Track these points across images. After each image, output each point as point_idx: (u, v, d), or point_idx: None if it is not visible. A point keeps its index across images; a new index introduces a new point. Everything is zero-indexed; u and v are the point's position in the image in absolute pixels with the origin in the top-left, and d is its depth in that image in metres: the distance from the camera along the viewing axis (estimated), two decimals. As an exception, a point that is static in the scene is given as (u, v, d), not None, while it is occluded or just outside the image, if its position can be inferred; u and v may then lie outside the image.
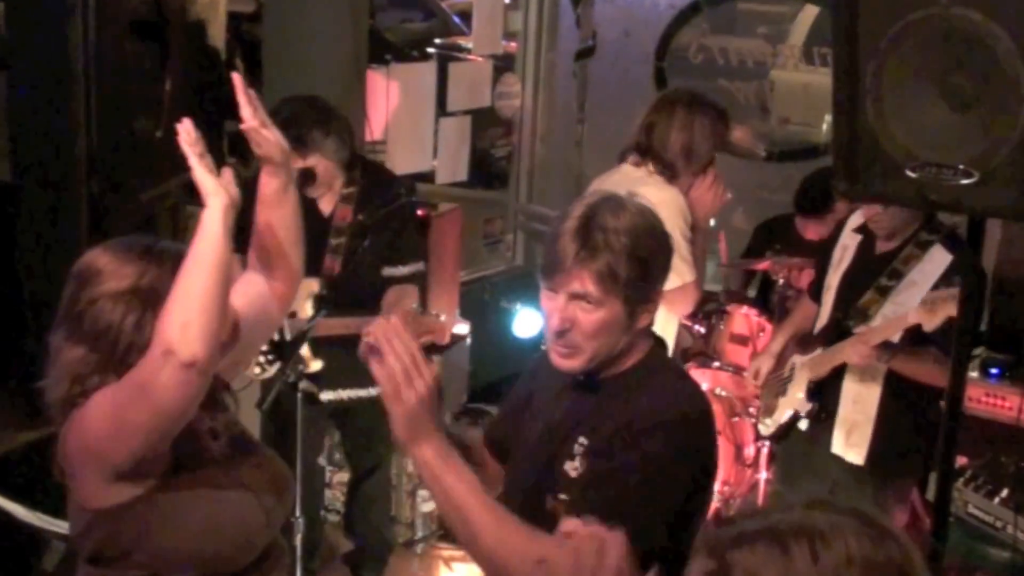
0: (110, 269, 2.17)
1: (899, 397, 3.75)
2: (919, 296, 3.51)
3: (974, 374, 4.50)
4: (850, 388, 3.81)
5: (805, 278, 5.35)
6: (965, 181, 2.51)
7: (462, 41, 7.72)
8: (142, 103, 4.30)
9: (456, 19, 9.91)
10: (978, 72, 2.45)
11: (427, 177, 5.94)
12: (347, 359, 3.72)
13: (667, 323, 3.80)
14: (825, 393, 3.88)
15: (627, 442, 2.06)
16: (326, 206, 3.90)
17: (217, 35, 6.75)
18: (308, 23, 5.03)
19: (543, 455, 2.20)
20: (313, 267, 3.76)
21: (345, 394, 4.00)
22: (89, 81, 3.87)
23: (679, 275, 3.86)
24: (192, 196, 5.21)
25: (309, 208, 3.78)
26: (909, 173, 2.59)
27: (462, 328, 5.10)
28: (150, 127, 4.38)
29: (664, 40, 6.66)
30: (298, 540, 3.64)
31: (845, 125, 2.69)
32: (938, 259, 3.60)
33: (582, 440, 2.14)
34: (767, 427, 4.17)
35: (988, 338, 4.87)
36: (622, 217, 2.11)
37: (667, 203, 3.77)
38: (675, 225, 3.79)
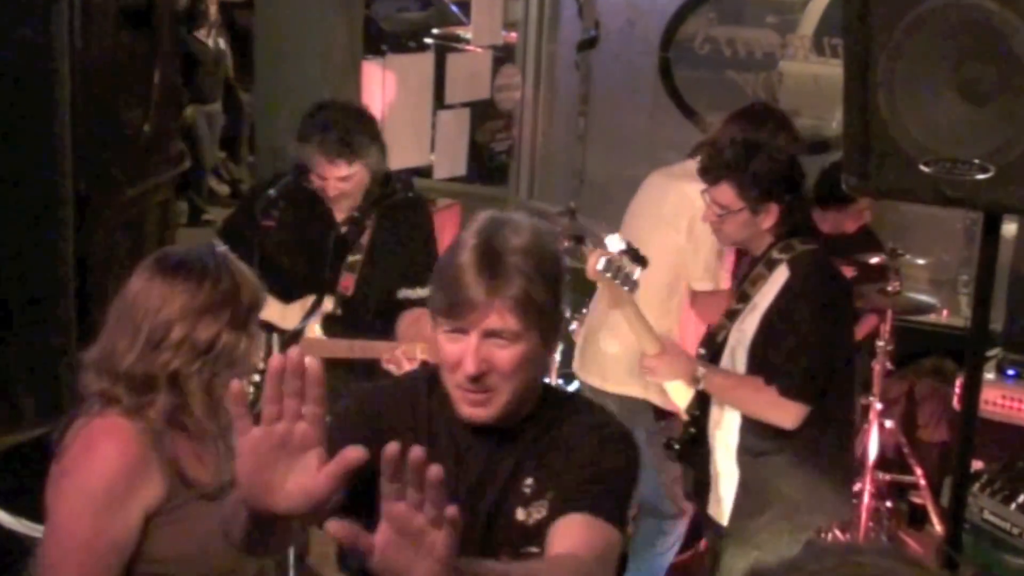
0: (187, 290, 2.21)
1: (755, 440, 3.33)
2: (759, 319, 3.24)
3: (990, 376, 4.50)
4: (711, 428, 3.43)
5: None
6: (981, 176, 2.51)
7: (460, 31, 7.72)
8: (130, 95, 4.30)
9: (454, 8, 9.91)
10: (994, 64, 2.45)
11: (424, 172, 5.93)
12: (339, 376, 3.72)
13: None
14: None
15: (592, 463, 1.96)
16: (339, 214, 3.82)
17: (207, 26, 6.71)
18: (301, 12, 5.02)
19: (476, 511, 1.97)
20: (330, 284, 3.74)
21: None
22: (74, 72, 3.87)
23: (714, 279, 3.88)
24: (182, 191, 5.20)
25: (326, 221, 3.75)
26: (923, 168, 2.58)
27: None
28: (138, 120, 4.38)
29: (669, 30, 6.64)
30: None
31: (856, 118, 2.68)
32: (778, 279, 3.24)
33: (528, 482, 1.98)
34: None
35: (1004, 339, 4.87)
36: (523, 235, 1.94)
37: None
38: None
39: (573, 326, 4.35)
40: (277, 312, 3.74)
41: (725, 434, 3.35)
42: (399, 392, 2.12)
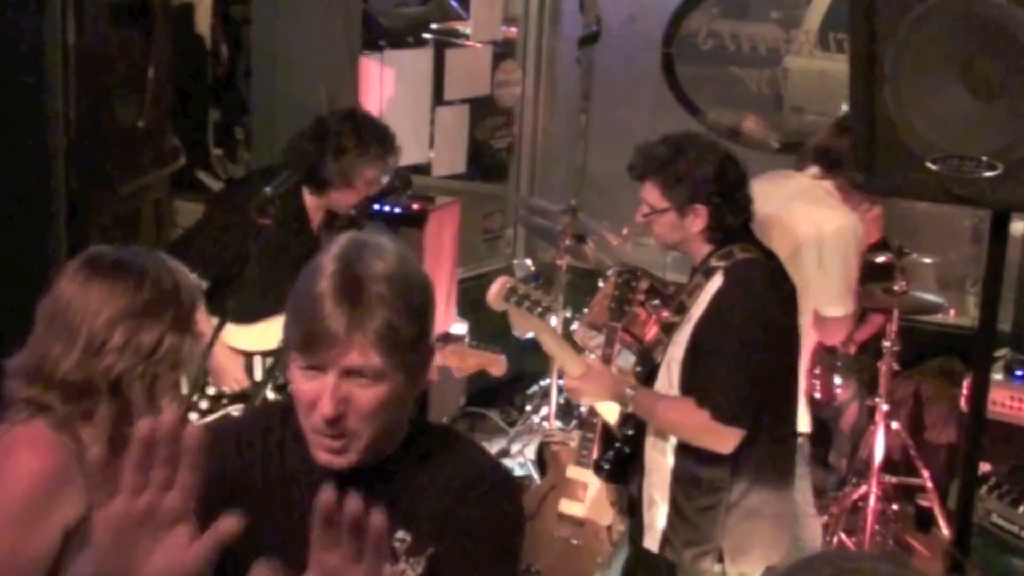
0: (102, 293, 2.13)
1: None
2: (691, 331, 3.14)
3: (998, 376, 4.50)
4: (646, 451, 3.32)
5: None
6: (989, 174, 2.51)
7: (460, 26, 7.69)
8: (123, 91, 4.30)
9: (453, 3, 9.90)
10: (1002, 59, 2.45)
11: (423, 169, 5.93)
12: None
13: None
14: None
15: (474, 519, 1.83)
16: (316, 226, 3.87)
17: (203, 19, 6.75)
18: (298, 6, 5.02)
19: None
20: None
21: None
22: (67, 67, 3.86)
23: (843, 305, 3.80)
24: (177, 189, 5.21)
25: (302, 230, 3.77)
26: (930, 165, 2.58)
27: (459, 328, 5.10)
28: (132, 116, 4.37)
29: (672, 25, 6.64)
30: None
31: (862, 115, 2.68)
32: (712, 288, 3.14)
33: (400, 535, 1.81)
34: None
35: (1013, 339, 4.87)
36: (387, 260, 1.77)
37: (846, 230, 3.75)
38: (852, 254, 3.78)
39: (575, 326, 4.35)
40: (244, 338, 3.77)
41: (659, 456, 3.24)
42: (249, 430, 1.93)
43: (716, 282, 3.11)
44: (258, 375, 3.80)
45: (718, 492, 3.16)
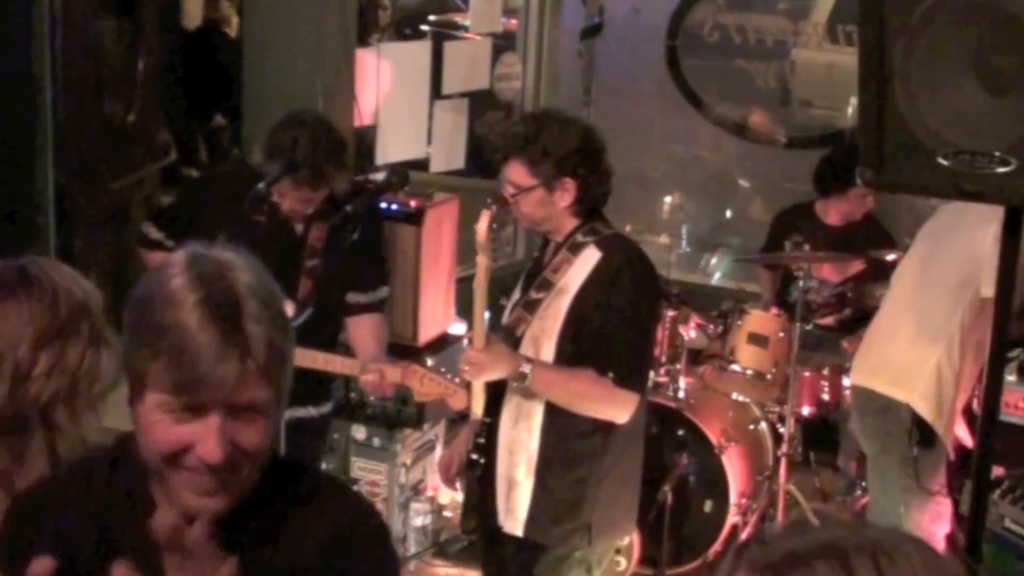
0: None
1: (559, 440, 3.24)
2: (568, 304, 3.18)
3: (1011, 378, 4.50)
4: (504, 433, 3.32)
5: (827, 269, 5.36)
6: (1002, 169, 2.51)
7: (458, 18, 7.69)
8: (112, 85, 4.31)
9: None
10: (1015, 51, 2.45)
11: (421, 165, 5.93)
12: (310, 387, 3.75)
13: None
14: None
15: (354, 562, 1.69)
16: (297, 224, 3.87)
17: (194, 11, 6.75)
18: (292, -2, 5.02)
19: None
20: (287, 291, 3.77)
21: (290, 413, 3.97)
22: (55, 61, 3.87)
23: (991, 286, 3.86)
24: (166, 185, 5.22)
25: (282, 228, 3.79)
26: (941, 161, 2.58)
27: (458, 329, 5.11)
28: (121, 111, 4.38)
29: (676, 17, 6.65)
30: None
31: (872, 109, 2.68)
32: (587, 261, 3.20)
33: None
34: None
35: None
36: (247, 273, 1.60)
37: None
38: None
39: (506, 318, 4.37)
40: None
41: (524, 435, 3.25)
42: (64, 490, 1.73)
43: (591, 256, 3.18)
44: None
45: (590, 463, 3.21)
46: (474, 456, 3.36)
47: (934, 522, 4.23)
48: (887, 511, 4.25)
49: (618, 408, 3.14)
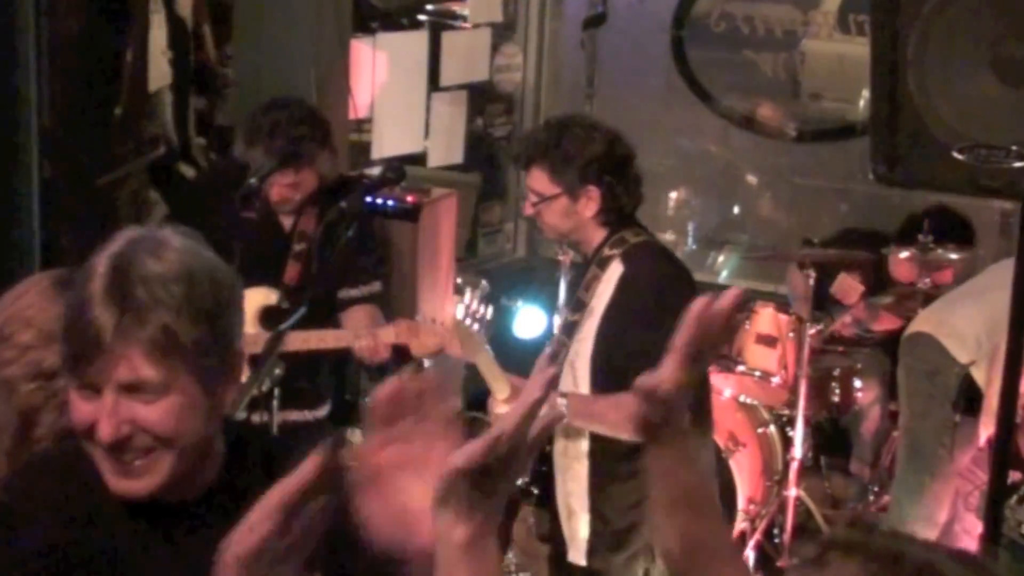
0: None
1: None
2: (596, 326, 3.13)
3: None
4: (557, 459, 3.32)
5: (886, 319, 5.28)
6: (1018, 164, 2.51)
7: (457, 7, 7.69)
8: (99, 76, 4.30)
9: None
10: (1034, 42, 2.45)
11: (418, 159, 5.93)
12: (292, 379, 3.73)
13: None
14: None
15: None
16: (286, 219, 3.88)
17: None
18: (285, -14, 5.02)
19: None
20: (272, 277, 3.78)
21: (283, 416, 3.95)
22: (40, 51, 3.87)
23: None
24: (155, 181, 5.22)
25: (273, 224, 3.81)
26: (956, 155, 2.58)
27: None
28: (109, 103, 4.37)
29: (682, 6, 6.65)
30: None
31: (884, 101, 2.68)
32: (612, 276, 3.14)
33: None
34: None
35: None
36: (165, 258, 1.65)
37: None
38: None
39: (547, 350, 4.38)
40: None
41: (573, 462, 3.23)
42: (39, 476, 1.77)
43: (615, 271, 3.11)
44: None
45: (640, 483, 3.11)
46: (530, 487, 3.38)
47: (959, 541, 4.23)
48: (911, 487, 4.27)
49: None
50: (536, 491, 3.36)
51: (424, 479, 1.38)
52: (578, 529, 3.25)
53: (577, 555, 3.27)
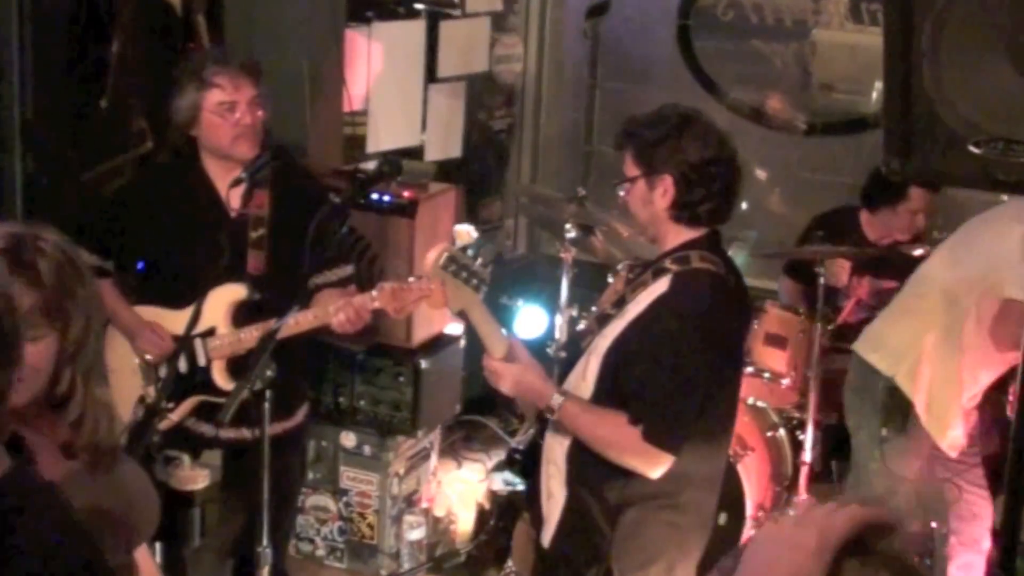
0: None
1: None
2: (619, 331, 3.10)
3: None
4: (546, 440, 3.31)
5: (865, 287, 5.30)
6: (1037, 158, 2.51)
7: (455, -4, 7.73)
8: (84, 68, 4.30)
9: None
10: (1052, 31, 2.45)
11: (415, 153, 5.93)
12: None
13: None
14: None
15: None
16: (233, 199, 3.82)
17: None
18: (277, -26, 5.01)
19: None
20: (236, 271, 3.75)
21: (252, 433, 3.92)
22: (23, 42, 3.87)
23: None
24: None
25: (213, 203, 3.77)
26: (972, 148, 2.58)
27: (456, 329, 5.10)
28: (94, 96, 4.37)
29: (689, -6, 6.65)
30: (265, 572, 3.64)
31: (898, 93, 2.68)
32: (657, 289, 3.09)
33: None
34: None
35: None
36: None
37: None
38: None
39: (581, 325, 4.36)
40: (171, 320, 3.78)
41: (558, 446, 3.21)
42: None
43: (661, 286, 3.07)
44: (201, 360, 3.80)
45: (625, 480, 3.11)
46: (517, 454, 3.38)
47: (968, 523, 4.46)
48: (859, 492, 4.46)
49: (646, 465, 3.03)
50: (520, 459, 3.37)
51: None
52: (550, 513, 3.24)
53: (543, 536, 3.26)
